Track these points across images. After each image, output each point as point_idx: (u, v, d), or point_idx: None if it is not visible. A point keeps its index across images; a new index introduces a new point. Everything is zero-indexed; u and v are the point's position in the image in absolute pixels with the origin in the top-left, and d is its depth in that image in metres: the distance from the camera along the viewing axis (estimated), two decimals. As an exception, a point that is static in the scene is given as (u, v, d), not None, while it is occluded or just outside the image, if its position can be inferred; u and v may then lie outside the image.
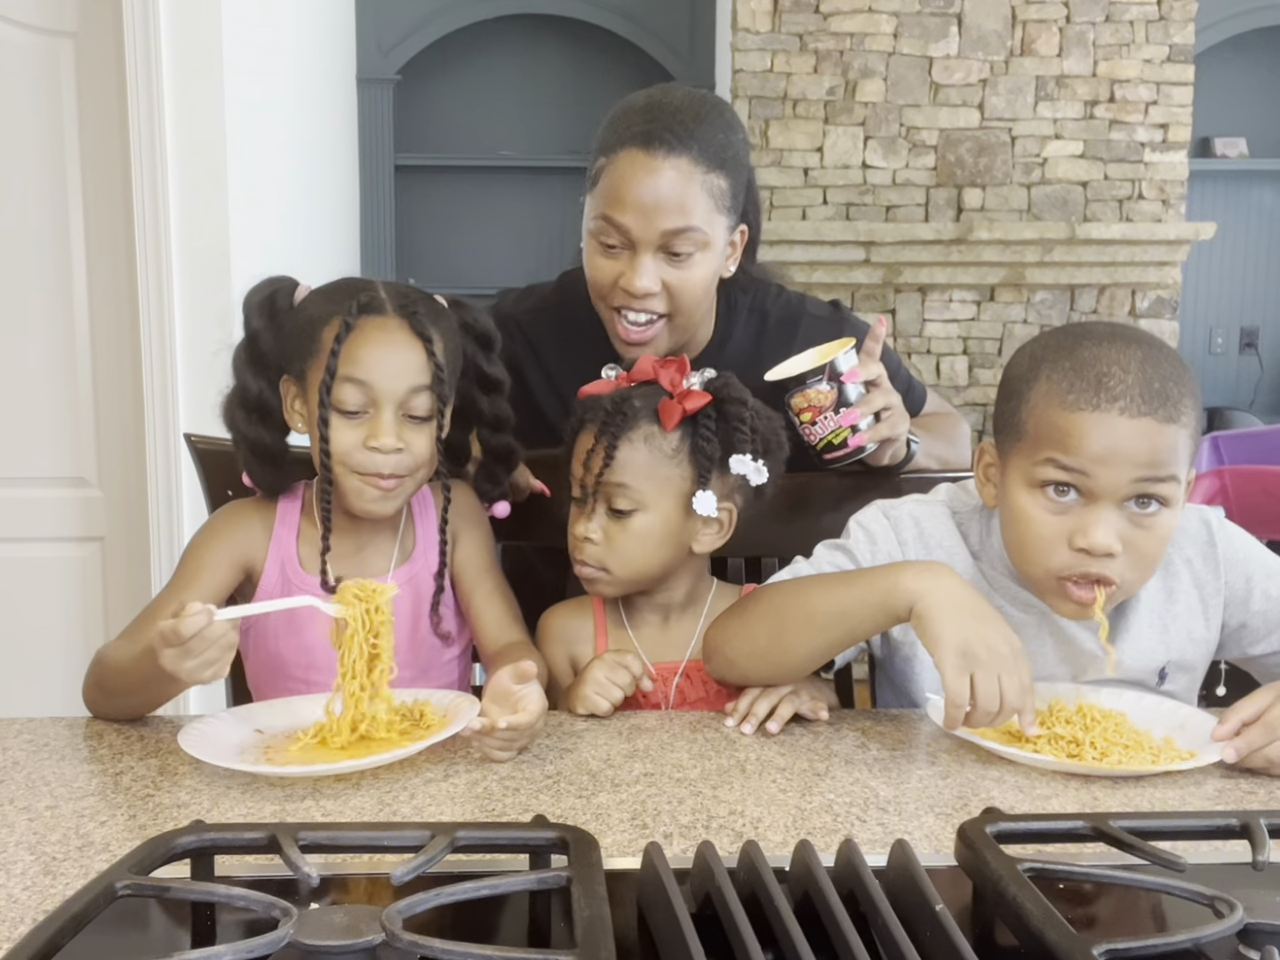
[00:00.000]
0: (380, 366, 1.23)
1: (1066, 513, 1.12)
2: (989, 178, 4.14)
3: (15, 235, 2.48)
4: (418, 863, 0.71)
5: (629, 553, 1.30)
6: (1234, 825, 0.81)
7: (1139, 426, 1.09)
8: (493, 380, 1.36)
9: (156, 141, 2.37)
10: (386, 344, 1.24)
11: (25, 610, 2.55)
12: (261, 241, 2.75)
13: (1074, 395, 1.11)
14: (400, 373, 1.23)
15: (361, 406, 1.23)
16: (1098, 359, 1.12)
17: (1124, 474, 1.09)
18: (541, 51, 4.79)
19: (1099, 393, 1.10)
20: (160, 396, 2.45)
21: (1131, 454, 1.09)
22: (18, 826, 0.94)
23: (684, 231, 1.40)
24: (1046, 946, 0.65)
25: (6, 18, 2.42)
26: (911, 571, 1.11)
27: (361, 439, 1.23)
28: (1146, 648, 1.24)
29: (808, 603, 1.18)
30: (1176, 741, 1.13)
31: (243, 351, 1.31)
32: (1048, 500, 1.13)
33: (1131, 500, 1.11)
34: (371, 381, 1.23)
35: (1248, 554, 1.26)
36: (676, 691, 1.33)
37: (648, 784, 1.04)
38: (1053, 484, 1.13)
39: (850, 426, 1.39)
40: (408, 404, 1.24)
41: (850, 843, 0.75)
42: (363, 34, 4.55)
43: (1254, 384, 5.16)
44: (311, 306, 1.28)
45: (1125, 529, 1.11)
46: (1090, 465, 1.10)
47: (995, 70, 4.10)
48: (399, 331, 1.24)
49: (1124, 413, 1.09)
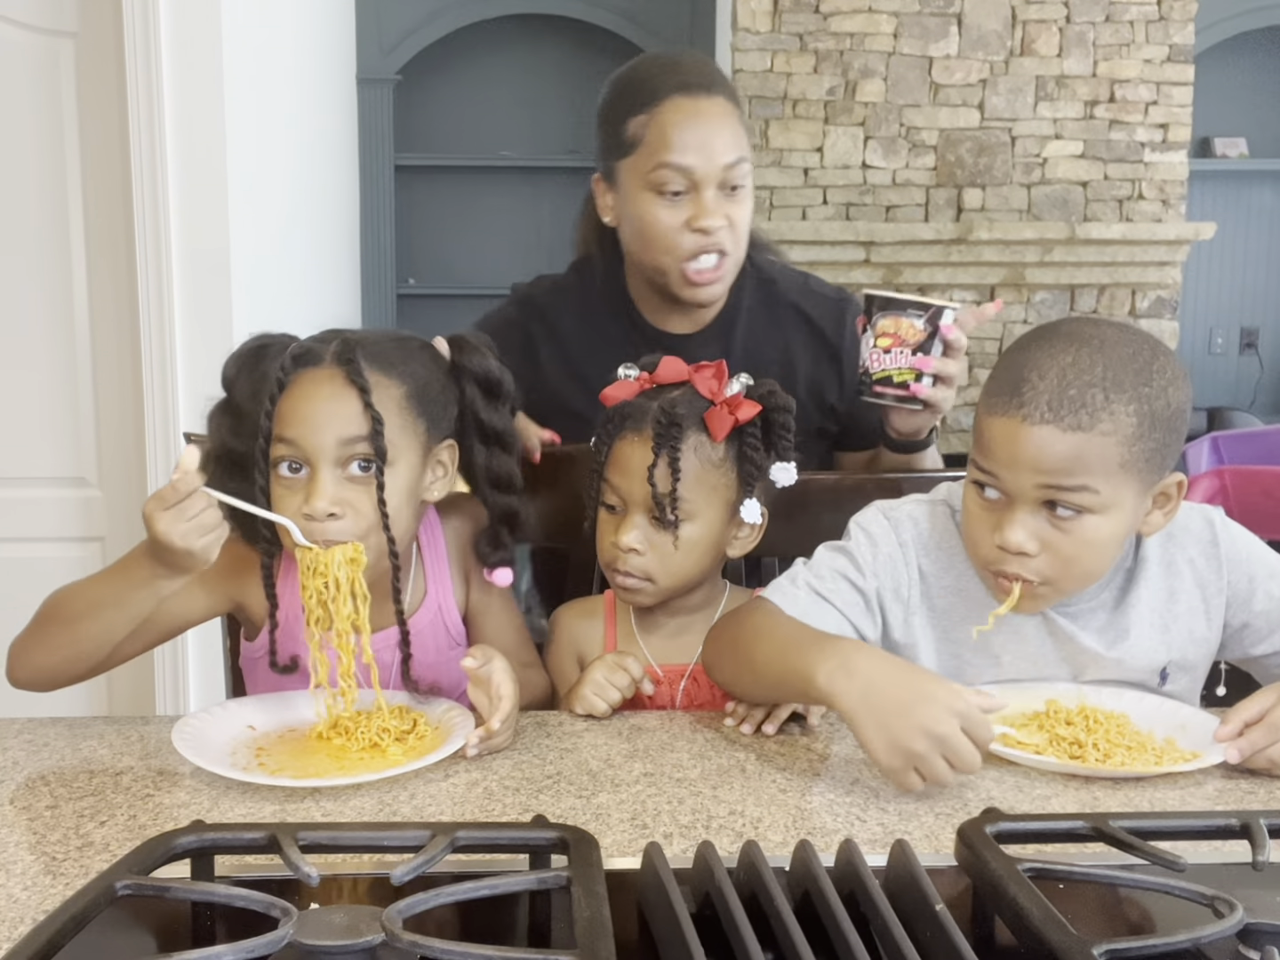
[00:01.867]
0: (309, 422, 1.13)
1: (992, 510, 1.15)
2: (989, 178, 4.14)
3: (15, 235, 2.48)
4: (418, 863, 0.71)
5: (676, 563, 1.28)
6: (1234, 825, 0.81)
7: (1041, 434, 1.09)
8: (494, 432, 1.25)
9: (156, 141, 2.37)
10: (316, 397, 1.14)
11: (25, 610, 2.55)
12: (261, 241, 2.75)
13: (993, 399, 1.13)
14: (331, 426, 1.13)
15: (303, 469, 1.14)
16: (1024, 363, 1.12)
17: (1026, 479, 1.10)
18: (541, 51, 4.79)
19: (1011, 398, 1.11)
20: (160, 396, 2.45)
21: (1032, 460, 1.09)
22: (18, 826, 0.94)
23: (739, 163, 1.47)
24: (1046, 946, 0.65)
25: (6, 18, 2.41)
26: (824, 669, 1.05)
27: (298, 507, 1.13)
28: (1148, 647, 1.23)
29: (755, 655, 1.17)
30: (1179, 743, 1.12)
31: (218, 407, 1.23)
32: (978, 497, 1.16)
33: (1044, 505, 1.12)
34: (299, 438, 1.13)
35: (1250, 553, 1.26)
36: (683, 694, 1.33)
37: (648, 784, 1.04)
38: (979, 483, 1.16)
39: (917, 372, 1.41)
40: (345, 460, 1.14)
41: (850, 843, 0.75)
42: (363, 34, 4.55)
43: (1254, 384, 5.16)
44: (271, 364, 1.18)
45: (1044, 530, 1.12)
46: (997, 468, 1.12)
47: (995, 70, 4.10)
48: (330, 383, 1.14)
49: (1027, 420, 1.09)
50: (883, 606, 1.25)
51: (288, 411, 1.14)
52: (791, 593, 1.23)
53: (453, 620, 1.30)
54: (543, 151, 4.79)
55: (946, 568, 1.25)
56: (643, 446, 1.27)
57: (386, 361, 1.18)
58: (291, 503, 1.14)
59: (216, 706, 1.18)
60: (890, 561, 1.24)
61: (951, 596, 1.24)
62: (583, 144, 4.77)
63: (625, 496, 1.28)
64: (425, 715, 1.16)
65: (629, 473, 1.27)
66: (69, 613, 1.16)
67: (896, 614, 1.25)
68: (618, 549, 1.28)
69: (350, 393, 1.13)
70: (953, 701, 0.99)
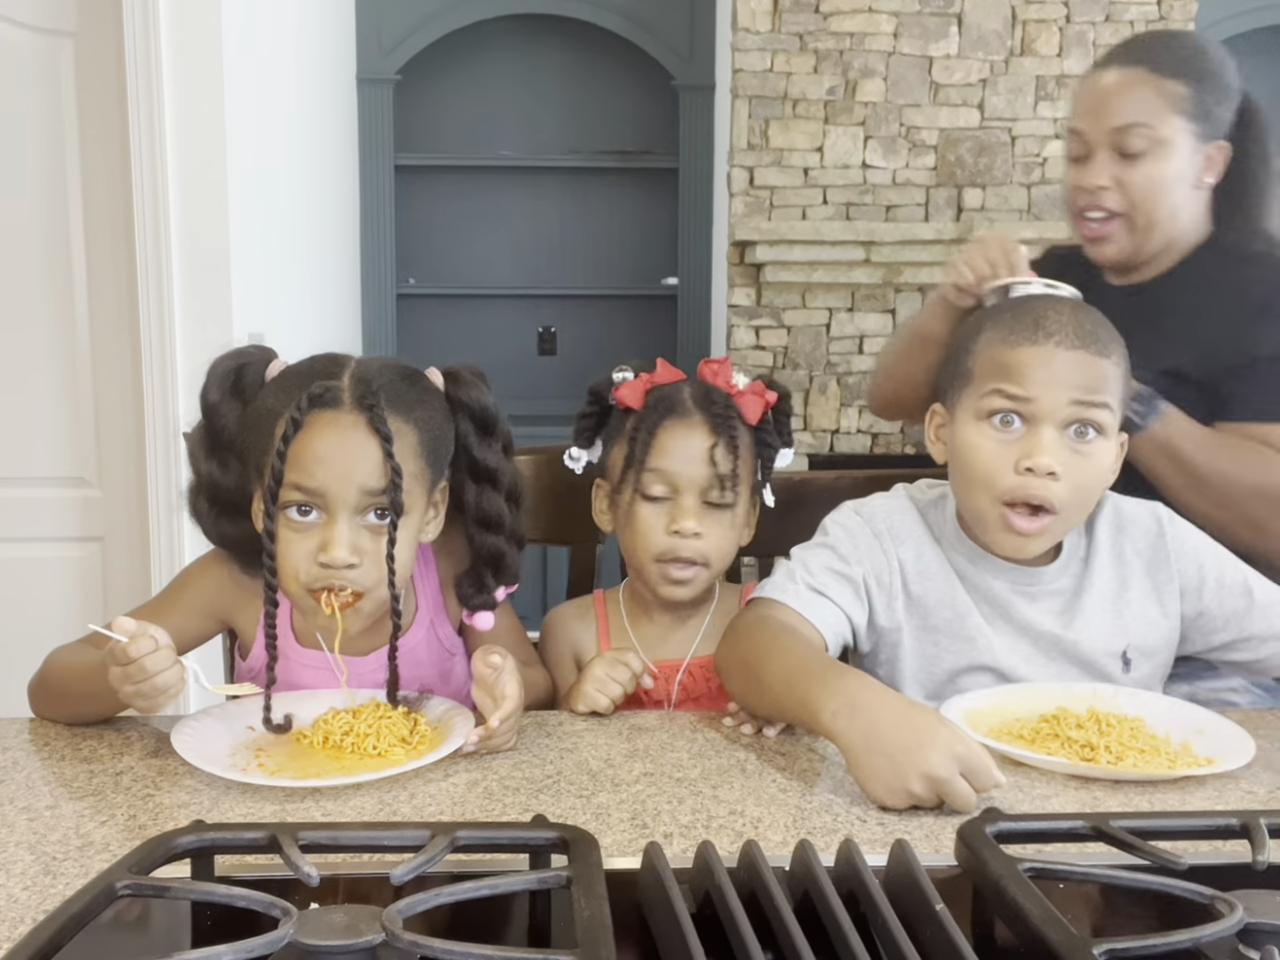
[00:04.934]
0: (330, 468, 1.09)
1: (1012, 441, 1.23)
2: (989, 178, 4.14)
3: (15, 235, 2.48)
4: (418, 863, 0.71)
5: (729, 543, 1.34)
6: (1234, 825, 0.81)
7: (1074, 357, 1.21)
8: (484, 469, 1.21)
9: (156, 141, 2.38)
10: (338, 443, 1.10)
11: (25, 610, 2.56)
12: (261, 242, 2.75)
13: (1015, 335, 1.24)
14: (353, 474, 1.09)
15: (314, 513, 1.11)
16: (1033, 307, 1.27)
17: (1062, 396, 1.21)
18: (541, 51, 4.78)
19: (1037, 330, 1.23)
20: (160, 396, 2.46)
21: (1068, 379, 1.21)
22: (18, 826, 0.94)
23: (1131, 127, 1.51)
24: (1046, 946, 0.64)
25: (6, 18, 2.42)
26: (829, 708, 1.05)
27: (311, 551, 1.10)
28: (1104, 631, 1.29)
29: (763, 677, 1.17)
30: (1195, 747, 1.12)
31: (197, 432, 1.18)
32: (994, 430, 1.24)
33: (1071, 427, 1.22)
34: (319, 486, 1.09)
35: (1197, 544, 1.32)
36: (680, 688, 1.33)
37: (648, 784, 1.04)
38: (999, 413, 1.23)
39: None
40: (365, 510, 1.11)
41: (850, 843, 0.75)
42: (363, 34, 4.54)
43: (1254, 384, 5.15)
44: (270, 396, 1.14)
45: (1066, 456, 1.21)
46: (1031, 391, 1.21)
47: (995, 70, 4.10)
48: (353, 430, 1.10)
49: (1060, 345, 1.21)
50: (869, 593, 1.29)
51: (303, 454, 1.09)
52: (793, 590, 1.25)
53: (445, 633, 1.30)
54: (543, 151, 4.78)
55: (917, 555, 1.31)
56: (694, 430, 1.29)
57: (404, 406, 1.14)
58: (302, 546, 1.11)
59: (216, 708, 1.17)
60: (870, 550, 1.30)
61: (925, 582, 1.30)
62: (583, 144, 4.77)
63: (676, 482, 1.29)
64: (425, 715, 1.16)
65: (683, 457, 1.29)
66: (59, 690, 1.18)
67: (880, 600, 1.30)
68: (679, 535, 1.29)
69: (373, 442, 1.09)
70: (954, 745, 0.99)
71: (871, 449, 4.20)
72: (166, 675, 1.04)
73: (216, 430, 1.17)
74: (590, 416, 1.36)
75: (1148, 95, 1.51)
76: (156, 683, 1.04)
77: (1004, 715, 1.19)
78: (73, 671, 1.16)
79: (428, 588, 1.29)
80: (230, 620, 1.26)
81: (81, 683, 1.14)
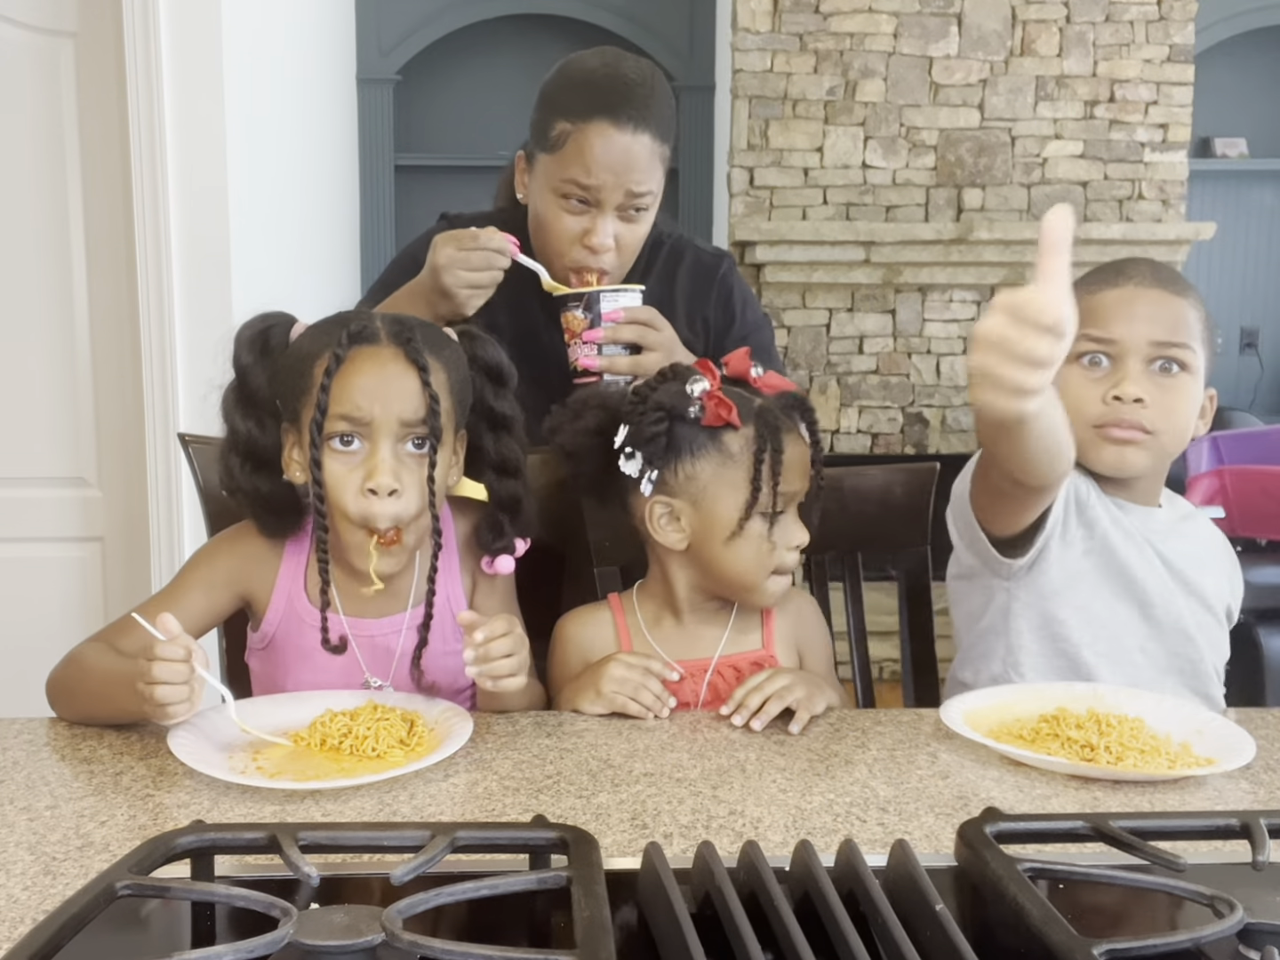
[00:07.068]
0: (373, 397, 1.15)
1: (1100, 379, 1.32)
2: (989, 178, 4.14)
3: (15, 235, 2.48)
4: (418, 863, 0.71)
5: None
6: (1234, 825, 0.81)
7: (1152, 295, 1.31)
8: (501, 417, 1.28)
9: (156, 141, 2.37)
10: (379, 374, 1.16)
11: (25, 610, 2.56)
12: (262, 242, 2.75)
13: (1095, 283, 1.33)
14: (393, 403, 1.15)
15: (356, 443, 1.16)
16: (1111, 265, 1.36)
17: (1144, 333, 1.30)
18: (541, 51, 4.77)
19: (1117, 275, 1.33)
20: (160, 396, 2.45)
21: (1148, 315, 1.30)
22: (18, 826, 0.94)
23: (645, 194, 1.55)
24: (1046, 946, 0.65)
25: (6, 18, 2.42)
26: None
27: (358, 483, 1.15)
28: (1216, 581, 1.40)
29: None
30: (1194, 747, 1.12)
31: (232, 393, 1.23)
32: (1083, 369, 1.32)
33: (1155, 363, 1.30)
34: (363, 414, 1.15)
35: None
36: (709, 688, 1.32)
37: (648, 784, 1.04)
38: (1087, 354, 1.32)
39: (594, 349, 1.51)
40: (404, 439, 1.17)
41: (850, 843, 0.75)
42: (363, 34, 4.55)
43: (1254, 384, 5.15)
44: (303, 343, 1.21)
45: (1152, 388, 1.30)
46: (1113, 331, 1.30)
47: (995, 70, 4.10)
48: (393, 361, 1.17)
49: (1140, 285, 1.31)
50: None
51: (347, 386, 1.15)
52: None
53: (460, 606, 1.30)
54: (543, 151, 4.78)
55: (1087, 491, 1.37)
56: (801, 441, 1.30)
57: (435, 345, 1.20)
58: (348, 478, 1.16)
59: (211, 710, 1.16)
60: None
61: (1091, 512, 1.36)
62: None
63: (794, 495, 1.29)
64: (423, 717, 1.16)
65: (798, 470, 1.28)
66: (82, 692, 1.19)
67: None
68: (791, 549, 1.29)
69: (411, 372, 1.16)
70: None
71: (871, 449, 4.21)
72: (170, 691, 1.05)
73: (251, 390, 1.22)
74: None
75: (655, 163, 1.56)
76: (158, 692, 1.04)
77: (1004, 715, 1.19)
78: (102, 673, 1.17)
79: (448, 563, 1.29)
80: (247, 591, 1.28)
81: (108, 686, 1.14)
